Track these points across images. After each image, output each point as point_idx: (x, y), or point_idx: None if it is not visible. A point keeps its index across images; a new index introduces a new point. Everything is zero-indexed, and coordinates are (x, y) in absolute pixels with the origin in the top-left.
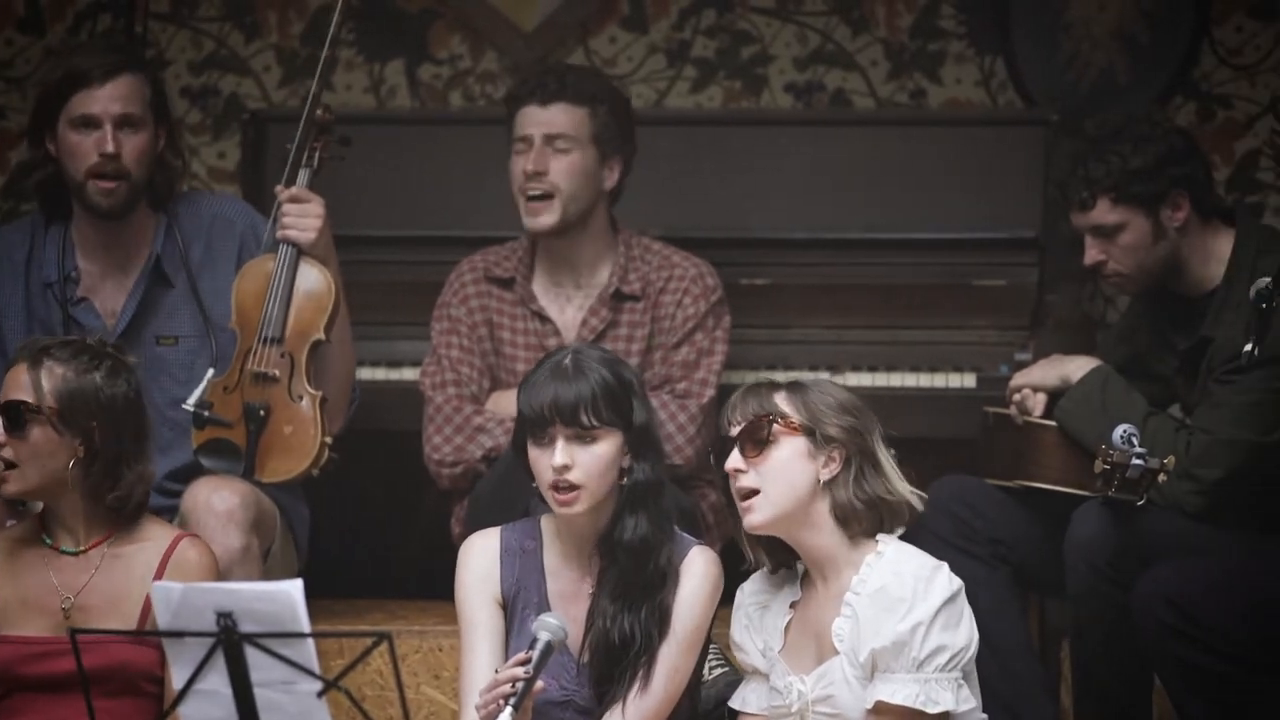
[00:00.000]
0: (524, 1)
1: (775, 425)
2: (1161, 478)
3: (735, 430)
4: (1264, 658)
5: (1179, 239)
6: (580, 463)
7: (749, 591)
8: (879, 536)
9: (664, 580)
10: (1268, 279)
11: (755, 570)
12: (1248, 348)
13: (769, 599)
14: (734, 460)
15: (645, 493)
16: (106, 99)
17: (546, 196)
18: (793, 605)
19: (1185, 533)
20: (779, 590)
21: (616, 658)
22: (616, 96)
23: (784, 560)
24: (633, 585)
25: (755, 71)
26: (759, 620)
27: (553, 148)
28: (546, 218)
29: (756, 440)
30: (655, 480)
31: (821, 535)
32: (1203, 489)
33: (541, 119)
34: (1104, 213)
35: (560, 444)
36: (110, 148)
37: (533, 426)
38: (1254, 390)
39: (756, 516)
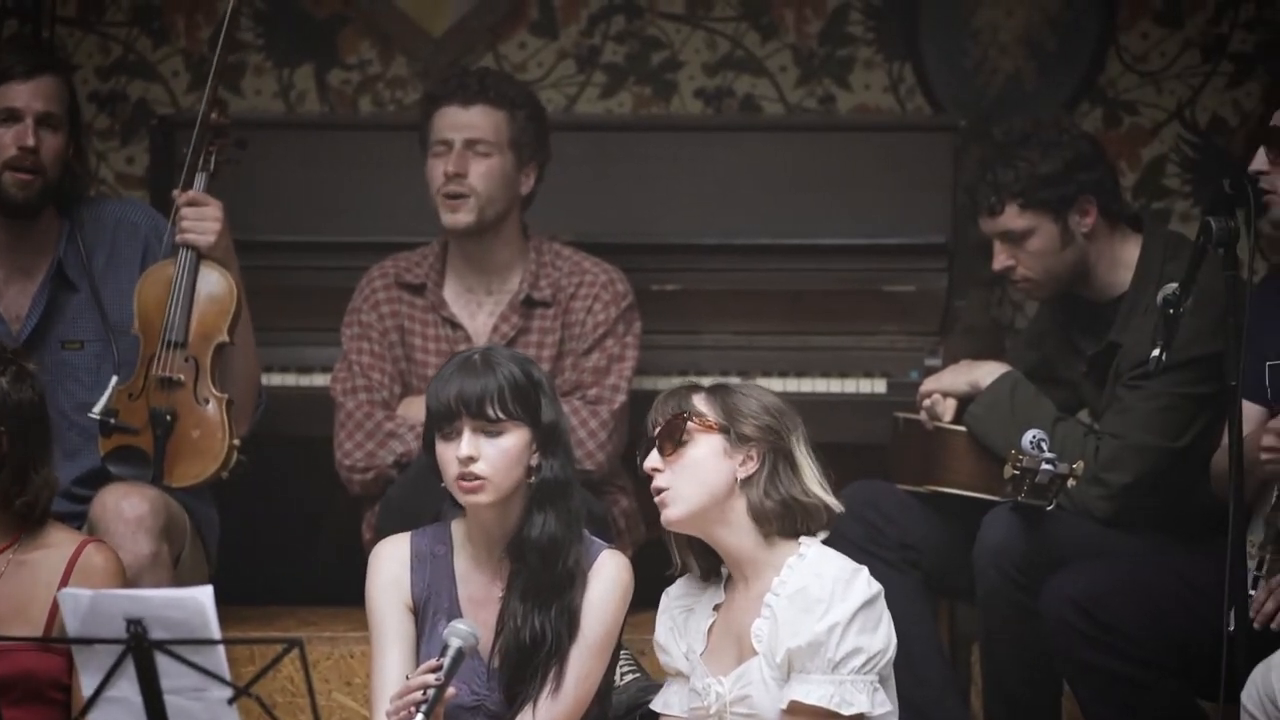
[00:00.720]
0: (433, 7)
1: (690, 424)
2: (1071, 482)
3: (654, 431)
4: (1169, 661)
5: (1087, 244)
6: (486, 455)
7: (674, 595)
8: (802, 539)
9: (572, 580)
10: (1174, 284)
11: (680, 575)
12: (1155, 353)
13: (694, 602)
14: (652, 460)
15: (554, 491)
16: (29, 95)
17: (464, 196)
18: (716, 608)
19: (1094, 537)
20: (703, 593)
21: (527, 658)
22: (534, 102)
23: (714, 566)
24: (542, 585)
25: (665, 77)
26: (683, 623)
27: (473, 151)
28: (464, 215)
29: (673, 439)
30: (564, 479)
31: (739, 535)
32: (1111, 494)
33: (462, 121)
34: (1012, 218)
35: (466, 435)
36: (30, 141)
37: (439, 420)
38: (1162, 395)
39: (671, 512)
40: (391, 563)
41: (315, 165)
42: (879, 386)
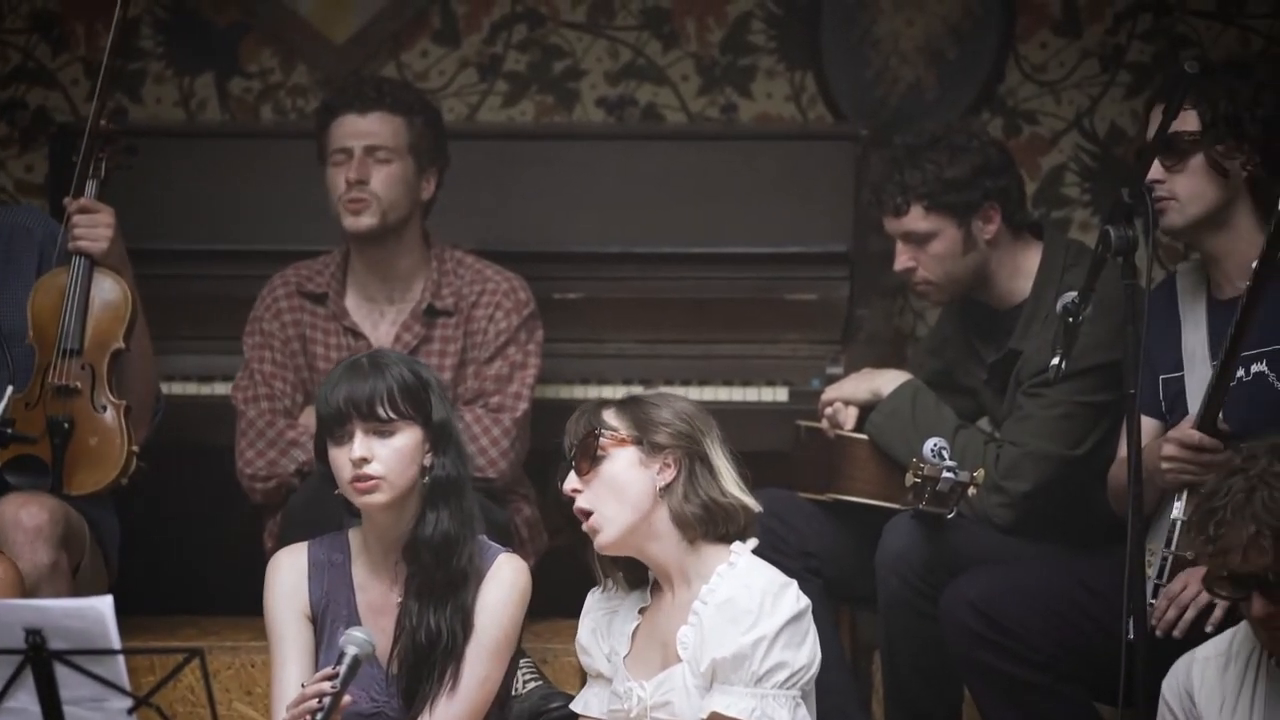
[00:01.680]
0: (335, 15)
1: (603, 439)
2: (971, 490)
3: (569, 451)
4: (1067, 666)
5: (989, 251)
6: (379, 455)
7: (599, 596)
8: (734, 547)
9: (466, 579)
10: (1074, 293)
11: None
12: (1055, 361)
13: (619, 604)
14: (571, 481)
15: (447, 489)
16: None
17: (366, 201)
18: (642, 611)
19: (994, 545)
20: (629, 596)
21: (423, 658)
22: (431, 109)
23: (641, 577)
24: (437, 584)
25: (567, 86)
26: (606, 626)
27: (374, 158)
28: (367, 218)
29: (588, 457)
30: (456, 477)
31: (665, 544)
32: (1011, 502)
33: (361, 128)
34: (916, 219)
35: (359, 437)
36: None
37: (331, 425)
38: (1061, 403)
39: (603, 537)
40: (289, 572)
41: (216, 173)
42: (781, 395)
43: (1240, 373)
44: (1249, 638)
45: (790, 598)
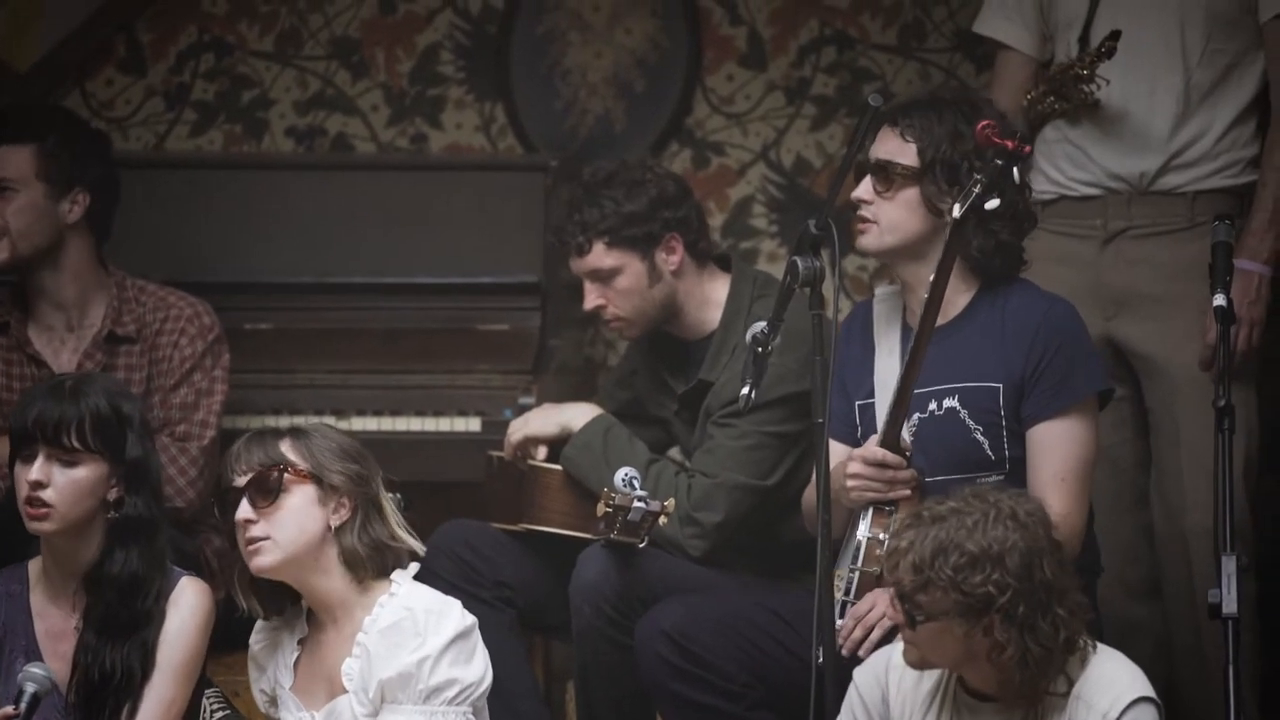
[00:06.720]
0: (19, 43)
1: (285, 475)
2: (663, 520)
3: (242, 480)
4: (760, 694)
5: (675, 282)
6: (56, 483)
7: (258, 630)
8: (394, 576)
9: (150, 618)
10: (763, 323)
11: (249, 618)
12: (745, 391)
13: (278, 636)
14: (244, 511)
15: (137, 528)
16: None
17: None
18: (301, 642)
19: (688, 575)
20: (286, 628)
21: (100, 693)
22: (69, 125)
23: (278, 608)
24: (119, 622)
25: (256, 115)
26: (267, 659)
27: None
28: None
29: (266, 490)
30: (149, 517)
31: (331, 580)
32: (704, 533)
33: None
34: (600, 257)
35: (39, 461)
36: None
37: (18, 441)
38: (751, 434)
39: (265, 559)
40: None
41: None
42: (474, 425)
43: (933, 406)
44: None
45: (454, 615)
